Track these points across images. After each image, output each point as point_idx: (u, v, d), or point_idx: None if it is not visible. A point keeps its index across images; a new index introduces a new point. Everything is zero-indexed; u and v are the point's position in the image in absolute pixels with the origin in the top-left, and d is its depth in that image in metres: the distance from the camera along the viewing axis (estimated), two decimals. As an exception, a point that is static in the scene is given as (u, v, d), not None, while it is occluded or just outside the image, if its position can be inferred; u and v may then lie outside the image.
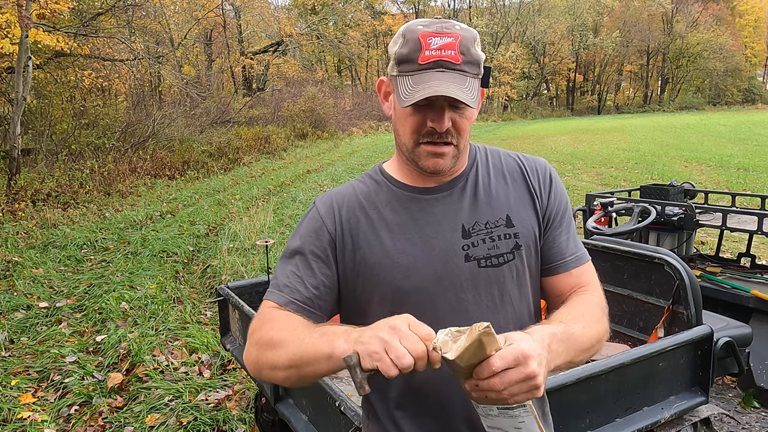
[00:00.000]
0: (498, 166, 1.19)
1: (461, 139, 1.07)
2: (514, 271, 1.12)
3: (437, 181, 1.14)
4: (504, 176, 1.18)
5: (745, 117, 34.84)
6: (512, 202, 1.15)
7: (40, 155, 11.15)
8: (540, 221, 1.16)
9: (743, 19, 56.78)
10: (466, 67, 1.01)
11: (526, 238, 1.13)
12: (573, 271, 1.17)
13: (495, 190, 1.15)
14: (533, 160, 1.21)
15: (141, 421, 2.98)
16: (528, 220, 1.14)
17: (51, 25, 10.94)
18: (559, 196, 1.18)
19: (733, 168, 12.66)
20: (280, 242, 6.49)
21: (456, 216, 1.12)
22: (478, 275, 1.09)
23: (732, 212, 3.62)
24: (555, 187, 1.19)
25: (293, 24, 33.47)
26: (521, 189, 1.17)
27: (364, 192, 1.17)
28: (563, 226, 1.18)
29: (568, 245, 1.17)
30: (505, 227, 1.12)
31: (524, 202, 1.15)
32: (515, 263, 1.12)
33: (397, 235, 1.10)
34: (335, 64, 45.09)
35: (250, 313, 2.32)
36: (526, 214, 1.15)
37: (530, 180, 1.18)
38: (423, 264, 1.09)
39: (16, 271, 5.50)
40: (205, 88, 21.34)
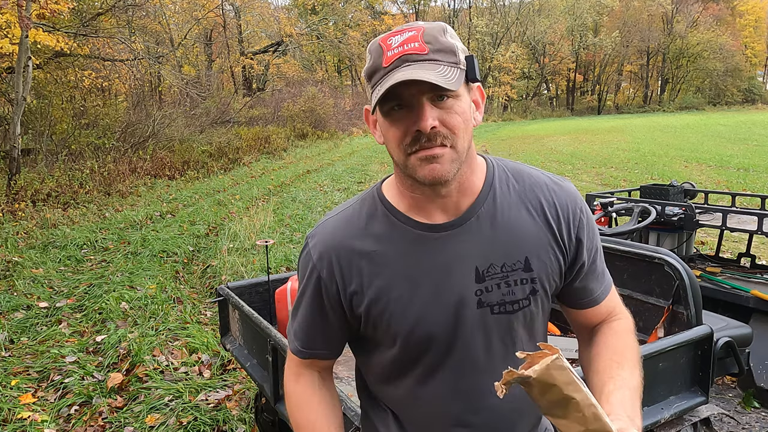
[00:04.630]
0: (520, 193, 1.03)
1: (457, 139, 0.92)
2: (528, 317, 1.03)
3: (447, 215, 1.00)
4: (526, 206, 1.02)
5: (745, 117, 34.84)
6: (532, 242, 1.01)
7: (40, 155, 11.15)
8: (562, 265, 1.04)
9: (743, 19, 56.77)
10: (437, 56, 0.90)
11: (543, 282, 1.02)
12: (602, 303, 1.11)
13: (514, 225, 1.01)
14: (561, 193, 1.04)
15: (141, 421, 2.98)
16: (548, 264, 1.02)
17: (51, 25, 10.94)
18: (590, 239, 1.06)
19: (733, 168, 12.66)
20: (280, 242, 6.49)
21: (469, 257, 0.99)
22: (489, 322, 1.01)
23: (732, 212, 3.62)
24: (586, 229, 1.05)
25: (293, 24, 33.48)
26: (543, 226, 1.02)
27: (362, 229, 1.02)
28: (594, 269, 1.08)
29: (597, 284, 1.10)
30: (523, 271, 1.00)
31: (545, 242, 1.02)
32: (530, 309, 1.02)
33: (404, 281, 0.99)
34: (335, 64, 45.08)
35: (250, 313, 2.32)
36: (547, 256, 1.02)
37: (555, 218, 1.03)
38: (433, 313, 0.99)
39: (16, 271, 5.50)
40: (205, 88, 21.35)
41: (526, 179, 1.05)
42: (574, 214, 1.04)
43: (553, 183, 1.05)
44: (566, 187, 1.06)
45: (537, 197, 1.03)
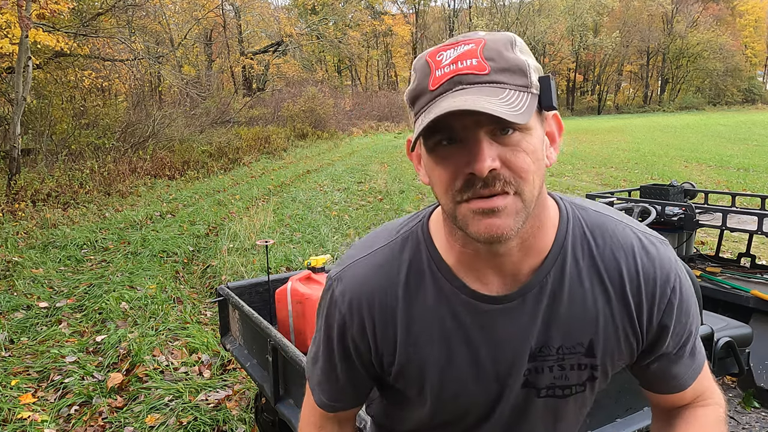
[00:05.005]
0: (596, 258, 0.82)
1: (524, 185, 0.71)
2: (579, 401, 0.90)
3: (504, 282, 0.81)
4: (600, 277, 0.81)
5: (745, 117, 34.84)
6: (601, 324, 0.82)
7: (40, 155, 11.15)
8: (635, 350, 0.86)
9: (743, 19, 56.78)
10: (502, 76, 0.70)
11: (606, 368, 0.86)
12: (687, 389, 0.93)
13: (582, 303, 0.81)
14: (649, 265, 0.82)
15: (141, 421, 2.98)
16: (616, 350, 0.84)
17: (51, 25, 10.94)
18: (680, 324, 0.85)
19: (733, 168, 12.66)
20: (279, 242, 6.49)
21: (523, 338, 0.82)
22: (533, 405, 0.87)
23: (732, 212, 3.62)
24: (675, 313, 0.84)
25: (293, 24, 33.49)
26: (618, 305, 0.82)
27: (402, 283, 0.84)
28: (680, 356, 0.89)
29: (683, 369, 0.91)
30: (583, 356, 0.83)
31: (617, 325, 0.83)
32: (583, 395, 0.89)
33: (444, 354, 0.84)
34: (335, 64, 45.08)
35: (250, 313, 2.32)
36: (616, 341, 0.83)
37: (635, 296, 0.82)
38: (472, 390, 0.86)
39: (16, 271, 5.49)
40: (205, 88, 21.35)
41: (608, 239, 0.82)
42: (662, 294, 0.82)
43: (642, 249, 0.82)
44: (659, 255, 0.83)
45: (617, 266, 0.81)
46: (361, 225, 7.69)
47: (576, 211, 0.84)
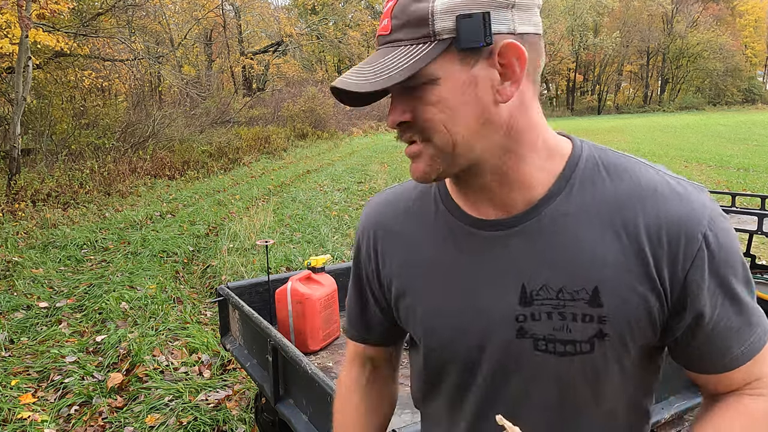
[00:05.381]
0: (610, 199, 0.73)
1: (431, 132, 0.71)
2: (590, 370, 0.75)
3: (496, 211, 0.77)
4: (612, 219, 0.72)
5: (745, 117, 34.85)
6: (610, 270, 0.72)
7: (40, 155, 11.15)
8: (657, 312, 0.73)
9: (743, 19, 56.80)
10: (399, 34, 0.70)
11: (621, 328, 0.73)
12: (736, 369, 0.76)
13: (589, 245, 0.73)
14: (676, 206, 0.71)
15: (141, 421, 2.98)
16: (630, 306, 0.72)
17: (51, 25, 10.94)
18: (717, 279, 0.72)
19: (733, 168, 12.66)
20: (280, 242, 6.49)
21: (517, 269, 0.76)
22: (532, 360, 0.76)
23: (732, 212, 3.62)
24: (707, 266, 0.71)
25: (293, 24, 33.48)
26: (632, 252, 0.72)
27: (408, 209, 0.87)
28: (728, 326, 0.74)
29: (732, 344, 0.75)
30: (587, 304, 0.73)
31: (630, 275, 0.72)
32: (591, 358, 0.74)
33: (437, 283, 0.82)
34: (335, 64, 45.07)
35: (250, 313, 2.32)
36: (630, 294, 0.72)
37: (653, 241, 0.71)
38: (460, 332, 0.80)
39: (16, 271, 5.49)
40: (205, 88, 21.34)
41: (626, 179, 0.74)
42: (688, 240, 0.70)
43: (670, 190, 0.72)
44: (689, 197, 0.72)
45: (634, 208, 0.71)
46: (361, 225, 7.68)
47: (592, 149, 0.77)
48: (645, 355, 0.78)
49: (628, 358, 0.75)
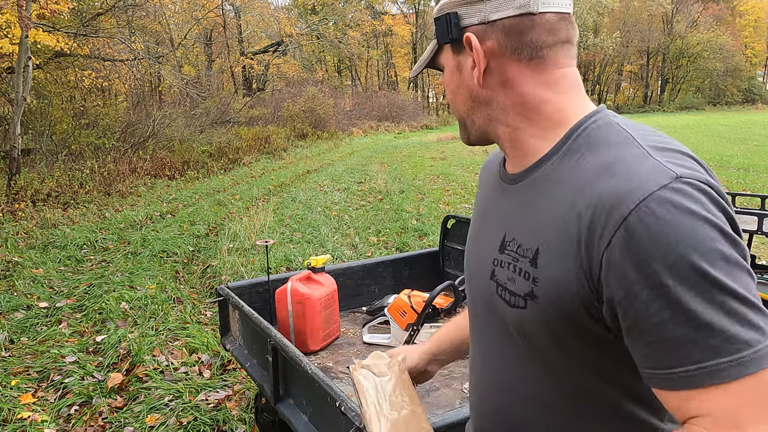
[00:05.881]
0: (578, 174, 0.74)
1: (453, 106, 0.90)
2: (522, 326, 0.79)
3: (516, 166, 0.86)
4: (576, 187, 0.73)
5: (745, 117, 34.86)
6: (553, 233, 0.74)
7: (40, 155, 11.15)
8: (588, 289, 0.70)
9: (743, 19, 56.80)
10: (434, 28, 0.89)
11: (549, 294, 0.73)
12: (671, 393, 0.67)
13: (549, 208, 0.76)
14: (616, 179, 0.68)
15: (141, 421, 2.98)
16: (559, 273, 0.72)
17: (51, 25, 10.94)
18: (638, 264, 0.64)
19: (733, 168, 12.66)
20: (279, 242, 6.49)
21: (506, 219, 0.84)
22: (494, 301, 0.83)
23: (732, 212, 3.61)
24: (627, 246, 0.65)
25: (293, 24, 33.48)
26: (573, 220, 0.71)
27: (491, 168, 1.00)
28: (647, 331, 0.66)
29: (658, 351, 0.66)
30: (530, 263, 0.76)
31: (566, 242, 0.72)
32: (523, 315, 0.77)
33: (476, 221, 0.98)
34: (335, 64, 45.07)
35: (250, 313, 2.32)
36: (561, 262, 0.72)
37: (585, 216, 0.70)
38: (469, 262, 0.96)
39: (16, 271, 5.49)
40: (205, 88, 21.34)
41: (599, 154, 0.73)
42: (609, 219, 0.66)
43: (627, 166, 0.69)
44: (640, 175, 0.67)
45: (590, 183, 0.71)
46: (361, 225, 7.69)
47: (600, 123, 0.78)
48: (586, 334, 0.73)
49: (557, 328, 0.75)
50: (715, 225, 0.64)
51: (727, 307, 0.62)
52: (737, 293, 0.63)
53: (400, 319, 2.66)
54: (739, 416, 0.63)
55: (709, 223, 0.63)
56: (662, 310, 0.63)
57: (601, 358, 0.75)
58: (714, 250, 0.63)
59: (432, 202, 9.30)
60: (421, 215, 8.16)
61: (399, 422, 0.81)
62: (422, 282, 3.16)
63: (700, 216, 0.63)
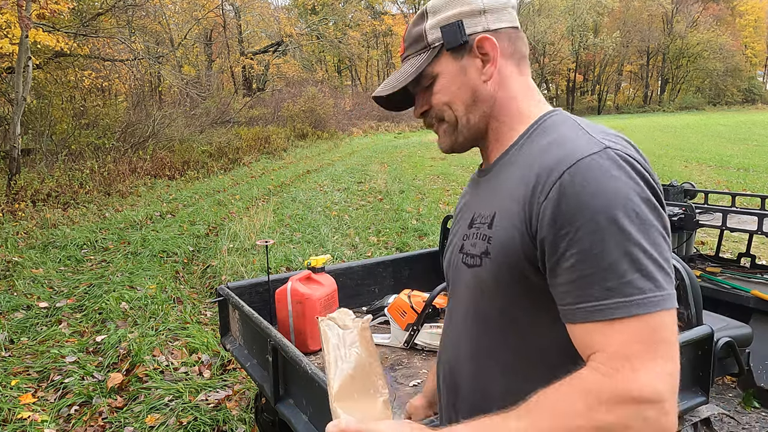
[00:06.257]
0: (532, 153, 0.88)
1: (444, 113, 0.98)
2: (477, 282, 0.92)
3: (491, 159, 1.00)
4: (528, 162, 0.87)
5: (745, 117, 34.86)
6: (506, 200, 0.88)
7: (40, 155, 11.15)
8: (529, 240, 0.82)
9: (743, 19, 56.79)
10: (410, 50, 0.99)
11: (499, 249, 0.86)
12: (576, 326, 0.77)
13: (506, 179, 0.92)
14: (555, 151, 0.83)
15: (141, 421, 2.98)
16: (508, 229, 0.85)
17: (51, 25, 10.94)
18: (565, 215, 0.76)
19: (733, 168, 12.66)
20: (280, 242, 6.49)
21: (476, 202, 0.99)
22: (460, 270, 0.97)
23: (732, 212, 3.62)
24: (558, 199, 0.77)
25: (293, 24, 33.48)
26: (522, 186, 0.85)
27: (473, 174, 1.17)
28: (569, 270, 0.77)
29: (570, 288, 0.77)
30: (487, 227, 0.90)
31: (516, 204, 0.85)
32: (479, 272, 0.91)
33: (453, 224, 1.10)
34: (335, 64, 45.07)
35: (250, 313, 2.32)
36: (510, 220, 0.85)
37: (532, 180, 0.83)
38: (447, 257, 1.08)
39: (16, 271, 5.49)
40: (205, 88, 21.34)
41: (548, 137, 0.88)
42: (548, 178, 0.80)
43: (564, 141, 0.84)
44: (573, 146, 0.81)
45: (540, 158, 0.85)
46: (361, 225, 7.69)
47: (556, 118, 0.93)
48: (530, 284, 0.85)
49: (507, 279, 0.87)
50: (633, 189, 0.76)
51: (631, 257, 0.74)
52: (643, 247, 0.74)
53: (400, 319, 2.66)
54: (629, 351, 0.72)
55: (628, 186, 0.76)
56: (578, 252, 0.75)
57: (542, 309, 0.85)
58: (629, 208, 0.75)
59: (432, 202, 9.30)
60: (421, 215, 8.16)
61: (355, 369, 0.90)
62: (422, 282, 3.16)
63: (621, 180, 0.77)
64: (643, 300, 0.73)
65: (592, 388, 0.72)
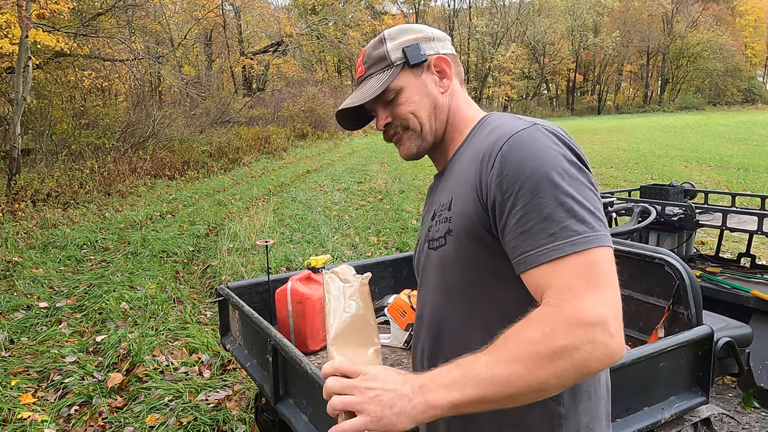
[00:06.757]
0: (478, 145, 1.04)
1: (410, 121, 1.12)
2: (443, 259, 1.05)
3: (441, 165, 1.18)
4: (476, 152, 1.02)
5: (745, 117, 34.86)
6: (460, 183, 1.03)
7: (40, 155, 11.15)
8: (481, 210, 0.97)
9: (743, 19, 56.78)
10: (371, 70, 1.13)
11: (458, 223, 1.01)
12: (528, 273, 0.89)
13: (458, 169, 1.07)
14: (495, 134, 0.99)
15: (141, 421, 2.98)
16: (464, 205, 1.00)
17: (51, 25, 10.93)
18: (507, 178, 0.91)
19: (733, 168, 12.66)
20: (280, 242, 6.49)
21: (435, 200, 1.15)
22: (428, 255, 1.11)
23: (732, 212, 3.62)
24: (501, 166, 0.93)
25: (293, 24, 33.46)
26: (473, 168, 1.01)
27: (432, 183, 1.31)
28: (520, 224, 0.89)
29: (522, 244, 0.89)
30: (447, 210, 1.05)
31: (469, 183, 1.00)
32: (444, 250, 1.04)
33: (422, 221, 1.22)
34: (335, 64, 45.07)
35: (250, 313, 2.32)
36: (465, 197, 1.00)
37: (480, 160, 0.99)
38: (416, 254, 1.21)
39: (16, 271, 5.49)
40: (205, 88, 21.34)
41: (491, 130, 1.04)
42: (491, 152, 0.96)
43: (503, 125, 1.01)
44: (509, 127, 0.98)
45: (482, 141, 1.03)
46: (361, 225, 7.69)
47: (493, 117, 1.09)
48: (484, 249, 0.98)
49: (466, 249, 1.00)
50: (560, 152, 0.93)
51: (566, 206, 0.88)
52: (575, 198, 0.89)
53: (400, 319, 2.66)
54: (572, 284, 0.84)
55: (556, 151, 0.92)
56: (521, 208, 0.90)
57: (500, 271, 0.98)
58: (558, 166, 0.90)
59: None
60: (421, 215, 8.16)
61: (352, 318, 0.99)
62: (422, 282, 3.16)
63: (548, 146, 0.93)
64: (580, 239, 0.86)
65: (544, 318, 0.83)
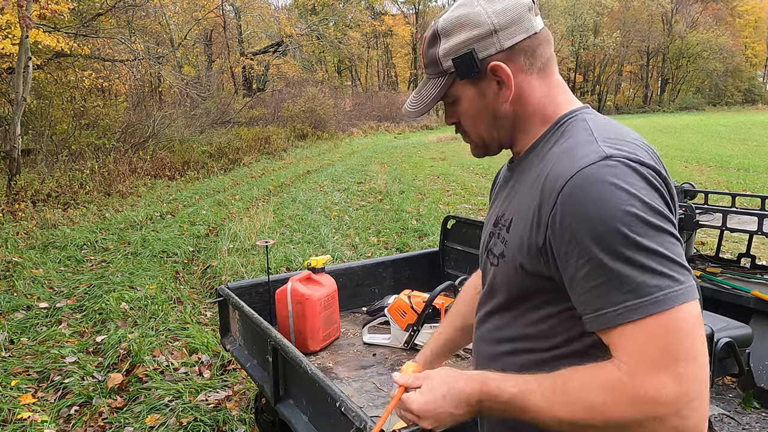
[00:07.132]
0: (547, 158, 0.93)
1: (471, 135, 1.05)
2: (497, 279, 1.00)
3: (516, 151, 1.07)
4: (542, 169, 0.92)
5: (745, 117, 34.86)
6: (523, 206, 0.93)
7: (40, 155, 11.15)
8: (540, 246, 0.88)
9: (743, 19, 56.79)
10: (428, 69, 1.03)
11: (514, 253, 0.93)
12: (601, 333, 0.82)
13: (525, 183, 0.96)
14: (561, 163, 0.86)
15: (141, 421, 2.98)
16: (523, 235, 0.91)
17: (51, 25, 10.94)
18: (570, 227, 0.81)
19: (733, 168, 12.66)
20: (280, 242, 6.49)
21: (501, 201, 1.07)
22: (486, 263, 1.06)
23: (732, 213, 3.61)
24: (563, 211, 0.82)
25: (293, 24, 33.45)
26: (536, 193, 0.89)
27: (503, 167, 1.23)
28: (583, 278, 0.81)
29: (590, 296, 0.81)
30: (506, 231, 0.97)
31: (530, 211, 0.90)
32: (497, 271, 0.99)
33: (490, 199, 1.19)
34: (335, 65, 45.07)
35: (250, 314, 2.32)
36: (524, 226, 0.91)
37: (543, 190, 0.87)
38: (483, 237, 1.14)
39: (16, 271, 5.49)
40: (205, 88, 21.34)
41: (562, 142, 0.92)
42: (551, 190, 0.85)
43: (573, 151, 0.86)
44: (577, 157, 0.84)
45: (551, 165, 0.89)
46: (361, 225, 7.69)
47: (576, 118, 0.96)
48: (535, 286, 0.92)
49: (516, 281, 0.94)
50: (631, 193, 0.78)
51: (637, 261, 0.76)
52: (649, 248, 0.76)
53: (400, 319, 2.66)
54: (649, 354, 0.75)
55: (626, 192, 0.78)
56: (586, 264, 0.80)
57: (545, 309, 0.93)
58: (627, 213, 0.77)
59: (432, 202, 9.29)
60: (421, 216, 8.16)
61: None
62: (422, 282, 3.16)
63: (617, 186, 0.79)
64: (661, 296, 0.76)
65: (611, 385, 0.77)
